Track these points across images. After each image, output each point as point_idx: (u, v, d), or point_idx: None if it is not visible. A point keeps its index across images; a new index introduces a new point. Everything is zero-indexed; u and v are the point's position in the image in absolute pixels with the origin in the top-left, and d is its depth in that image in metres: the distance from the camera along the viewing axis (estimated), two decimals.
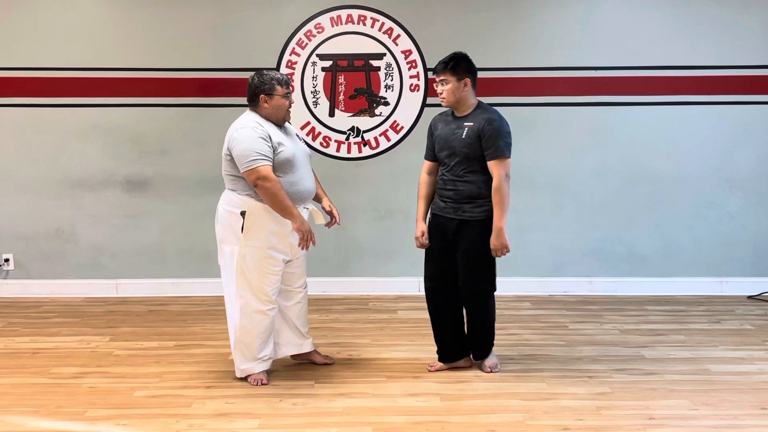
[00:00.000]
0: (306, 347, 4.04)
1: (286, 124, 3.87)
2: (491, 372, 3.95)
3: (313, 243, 3.73)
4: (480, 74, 5.12)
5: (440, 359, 4.03)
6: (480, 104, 3.85)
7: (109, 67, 5.43)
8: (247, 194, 3.67)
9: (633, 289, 5.63)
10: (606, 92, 5.50)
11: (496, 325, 4.80)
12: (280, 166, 3.63)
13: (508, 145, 3.77)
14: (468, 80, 3.78)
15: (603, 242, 5.64)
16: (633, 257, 5.66)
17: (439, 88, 3.81)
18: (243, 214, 3.65)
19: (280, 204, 3.58)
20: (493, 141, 3.71)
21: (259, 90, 3.70)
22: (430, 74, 5.33)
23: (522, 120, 5.49)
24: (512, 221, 5.50)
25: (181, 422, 3.34)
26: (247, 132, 3.61)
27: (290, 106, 3.78)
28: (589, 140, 5.55)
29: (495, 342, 4.45)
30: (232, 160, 3.64)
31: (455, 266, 3.88)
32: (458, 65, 3.77)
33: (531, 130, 5.51)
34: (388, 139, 5.56)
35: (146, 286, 5.62)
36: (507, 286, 5.60)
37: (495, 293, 3.96)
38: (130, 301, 5.45)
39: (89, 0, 5.40)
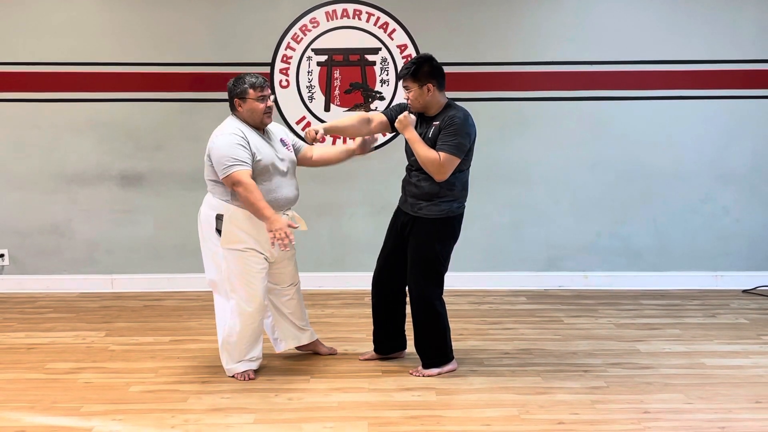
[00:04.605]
0: (304, 339, 4.09)
1: (273, 128, 3.87)
2: (421, 376, 3.80)
3: (291, 241, 3.64)
4: (474, 69, 5.15)
5: (375, 350, 4.06)
6: (450, 103, 3.76)
7: (103, 62, 5.41)
8: (224, 200, 3.69)
9: (628, 283, 5.64)
10: (601, 87, 5.49)
11: (496, 322, 4.82)
12: (258, 173, 3.65)
13: (460, 146, 3.64)
14: (431, 85, 3.66)
15: (598, 237, 5.65)
16: (628, 252, 5.66)
17: (404, 95, 3.77)
18: (219, 217, 3.67)
19: (255, 206, 3.58)
20: (446, 135, 3.64)
21: (233, 95, 3.73)
22: None
23: (517, 115, 5.49)
24: (508, 216, 5.55)
25: (177, 417, 3.34)
26: (225, 138, 3.64)
27: (268, 109, 3.75)
28: (584, 135, 5.55)
29: (491, 337, 4.46)
30: (212, 165, 3.67)
31: (404, 263, 3.85)
32: (419, 71, 3.65)
33: (526, 125, 5.51)
34: (383, 134, 5.54)
35: (141, 281, 5.61)
36: (502, 280, 5.62)
37: (446, 305, 3.85)
38: (125, 297, 5.44)
39: None
